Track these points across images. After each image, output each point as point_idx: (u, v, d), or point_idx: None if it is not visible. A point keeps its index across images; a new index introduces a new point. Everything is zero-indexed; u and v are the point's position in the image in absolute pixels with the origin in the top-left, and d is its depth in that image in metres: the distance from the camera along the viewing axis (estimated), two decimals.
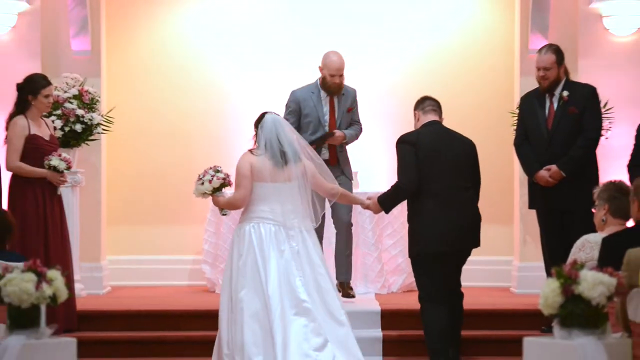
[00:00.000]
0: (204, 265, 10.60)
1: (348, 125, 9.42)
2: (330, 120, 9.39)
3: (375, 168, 10.88)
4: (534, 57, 8.95)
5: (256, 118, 7.78)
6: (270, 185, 7.63)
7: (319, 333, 7.52)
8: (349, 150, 9.51)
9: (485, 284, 10.66)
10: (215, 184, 7.83)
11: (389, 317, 8.76)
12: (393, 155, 8.13)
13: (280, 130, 7.66)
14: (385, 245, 10.33)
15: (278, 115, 7.79)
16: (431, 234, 7.90)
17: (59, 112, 9.66)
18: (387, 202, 8.16)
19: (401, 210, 10.02)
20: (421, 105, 8.20)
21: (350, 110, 9.42)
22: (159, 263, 11.14)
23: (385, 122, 10.85)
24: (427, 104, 8.18)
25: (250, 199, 7.67)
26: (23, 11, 10.10)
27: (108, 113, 10.31)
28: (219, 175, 7.86)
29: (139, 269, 11.12)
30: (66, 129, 9.71)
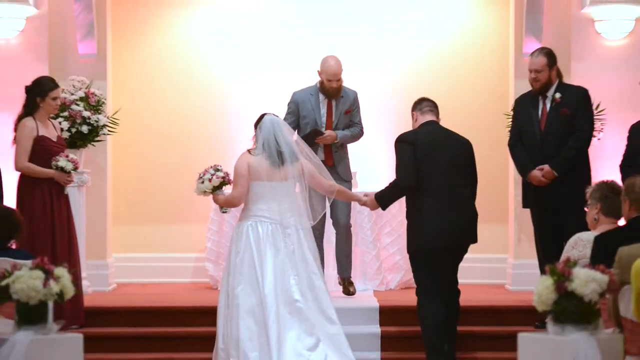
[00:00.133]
0: (207, 263, 10.60)
1: (347, 126, 9.41)
2: (327, 122, 9.39)
3: (374, 168, 10.86)
4: (528, 60, 8.95)
5: (256, 119, 7.81)
6: (267, 184, 7.64)
7: (312, 333, 7.53)
8: (349, 152, 9.53)
9: (481, 281, 10.66)
10: (215, 182, 7.86)
11: (387, 314, 8.75)
12: (392, 155, 8.13)
13: (278, 131, 7.67)
14: (384, 244, 10.32)
15: (277, 116, 7.80)
16: (430, 230, 7.91)
17: (66, 114, 9.65)
18: (384, 199, 8.17)
19: (399, 209, 10.04)
20: (419, 106, 8.22)
21: (348, 112, 9.41)
22: (163, 261, 11.14)
23: (384, 123, 10.84)
24: (425, 104, 8.21)
25: (249, 198, 7.69)
26: (31, 16, 10.10)
27: (113, 115, 10.31)
28: (218, 174, 7.88)
29: (143, 267, 11.12)
30: (73, 130, 9.71)
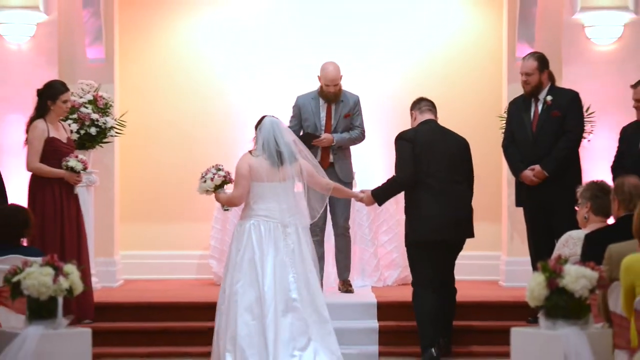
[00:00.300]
0: (210, 260, 10.61)
1: (346, 129, 9.42)
2: (326, 126, 9.40)
3: (371, 170, 10.86)
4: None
5: (257, 121, 7.82)
6: (267, 184, 7.63)
7: (304, 332, 7.51)
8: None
9: (475, 277, 10.65)
10: (216, 181, 7.87)
11: (385, 309, 8.75)
12: (389, 158, 8.16)
13: (277, 132, 7.67)
14: (381, 242, 10.33)
15: (277, 118, 7.80)
16: (427, 224, 7.94)
17: (75, 116, 9.65)
18: (381, 195, 8.19)
19: (396, 208, 10.05)
20: (418, 105, 8.28)
21: (347, 116, 9.42)
22: (168, 258, 11.14)
23: (382, 126, 10.84)
24: (424, 104, 8.27)
25: (250, 198, 7.68)
26: (42, 22, 10.10)
27: (121, 117, 10.31)
28: (220, 173, 7.89)
29: (150, 264, 11.12)
30: (82, 132, 9.71)
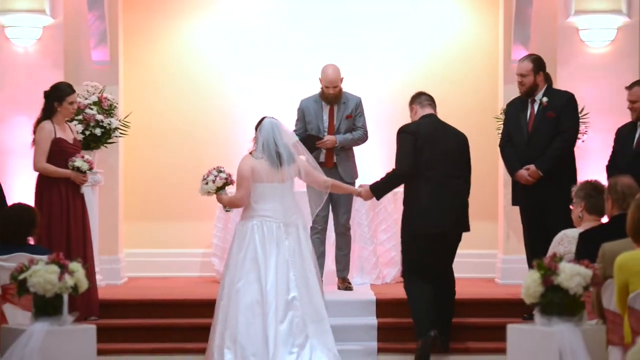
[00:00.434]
0: (213, 258, 10.60)
1: (349, 130, 9.42)
2: (329, 127, 9.41)
3: (373, 170, 10.84)
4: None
5: (257, 122, 7.83)
6: (267, 185, 7.65)
7: (302, 329, 7.53)
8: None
9: (472, 275, 10.64)
10: (218, 183, 7.89)
11: (383, 306, 8.75)
12: (390, 157, 8.16)
13: (276, 133, 7.69)
14: (380, 240, 10.32)
15: (276, 120, 7.81)
16: (426, 217, 7.96)
17: (80, 117, 9.65)
18: (380, 189, 8.21)
19: (395, 207, 10.05)
20: (418, 99, 8.30)
21: (349, 117, 9.42)
22: (171, 256, 11.13)
23: (382, 126, 10.83)
24: (424, 98, 8.29)
25: (252, 198, 7.69)
26: (48, 25, 10.10)
27: (125, 118, 10.30)
28: (221, 175, 7.91)
29: (153, 261, 11.11)
30: (87, 133, 9.71)
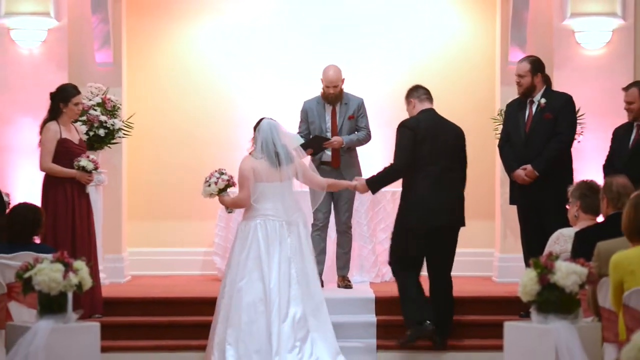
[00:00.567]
0: (214, 257, 10.60)
1: (351, 131, 9.43)
2: (332, 127, 9.42)
3: (375, 170, 10.83)
4: (513, 69, 8.96)
5: (256, 123, 7.85)
6: (268, 184, 7.67)
7: (304, 324, 7.56)
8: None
9: (469, 273, 10.65)
10: (220, 185, 7.91)
11: (382, 304, 8.74)
12: (390, 156, 8.16)
13: (275, 133, 7.71)
14: (379, 239, 10.32)
15: (274, 121, 7.83)
16: (425, 210, 7.96)
17: (84, 119, 9.65)
18: (376, 183, 8.21)
19: (393, 207, 10.04)
20: (416, 93, 8.28)
21: (351, 118, 9.43)
22: (174, 254, 11.14)
23: (381, 127, 10.83)
24: (422, 92, 8.28)
25: (254, 198, 7.70)
26: (52, 27, 10.10)
27: (128, 119, 10.31)
28: (223, 177, 7.94)
29: (156, 260, 11.11)
30: (91, 134, 9.71)
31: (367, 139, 9.52)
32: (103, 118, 9.77)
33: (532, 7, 10.22)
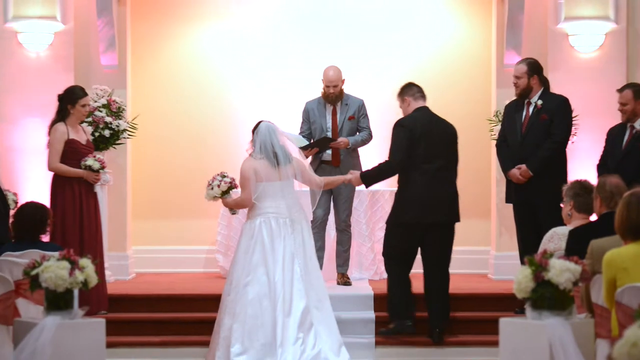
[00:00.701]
0: (217, 255, 10.60)
1: (352, 131, 9.44)
2: (332, 127, 9.43)
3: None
4: (509, 71, 8.95)
5: (254, 125, 7.90)
6: (268, 184, 7.71)
7: (307, 317, 7.60)
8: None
9: (466, 271, 10.65)
10: (223, 187, 7.97)
11: (381, 300, 8.73)
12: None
13: (273, 135, 7.77)
14: (378, 237, 10.31)
15: (272, 123, 7.88)
16: (421, 206, 7.99)
17: (90, 120, 9.65)
18: (370, 178, 8.23)
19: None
20: (410, 91, 8.27)
21: (351, 118, 9.44)
22: (177, 252, 11.14)
23: (382, 129, 10.82)
24: (416, 90, 8.28)
25: (256, 198, 7.74)
26: (59, 31, 10.10)
27: (133, 120, 10.31)
28: (225, 180, 8.00)
29: (160, 258, 11.12)
30: (96, 135, 9.71)
31: (369, 138, 9.53)
32: (108, 119, 9.77)
33: (527, 11, 10.22)
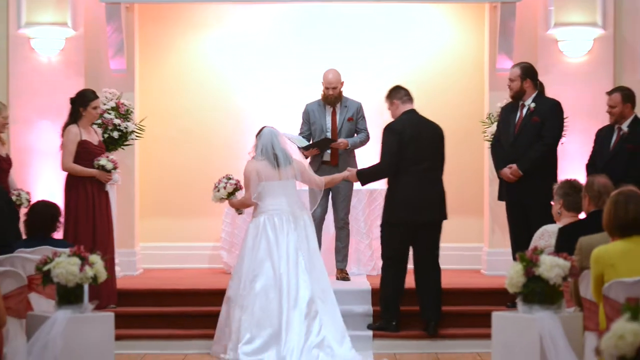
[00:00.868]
0: (221, 251, 10.60)
1: (350, 132, 9.45)
2: (332, 128, 9.45)
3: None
4: (501, 75, 8.96)
5: (258, 130, 8.02)
6: (269, 183, 7.81)
7: (312, 307, 7.65)
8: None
9: (459, 266, 10.65)
10: (229, 189, 8.09)
11: (378, 295, 8.73)
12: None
13: (274, 139, 7.88)
14: (375, 234, 10.30)
15: (274, 129, 7.99)
16: (410, 207, 8.03)
17: (99, 122, 9.66)
18: (365, 176, 8.27)
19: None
20: (398, 94, 8.26)
21: (350, 119, 9.45)
22: (183, 249, 11.14)
23: (376, 130, 10.83)
24: (404, 93, 8.27)
25: (259, 197, 7.83)
26: (70, 37, 10.11)
27: (140, 122, 10.31)
28: (230, 182, 8.13)
29: (166, 254, 11.11)
30: (105, 136, 9.71)
31: (367, 140, 9.55)
32: (117, 121, 9.78)
33: (519, 18, 10.22)
